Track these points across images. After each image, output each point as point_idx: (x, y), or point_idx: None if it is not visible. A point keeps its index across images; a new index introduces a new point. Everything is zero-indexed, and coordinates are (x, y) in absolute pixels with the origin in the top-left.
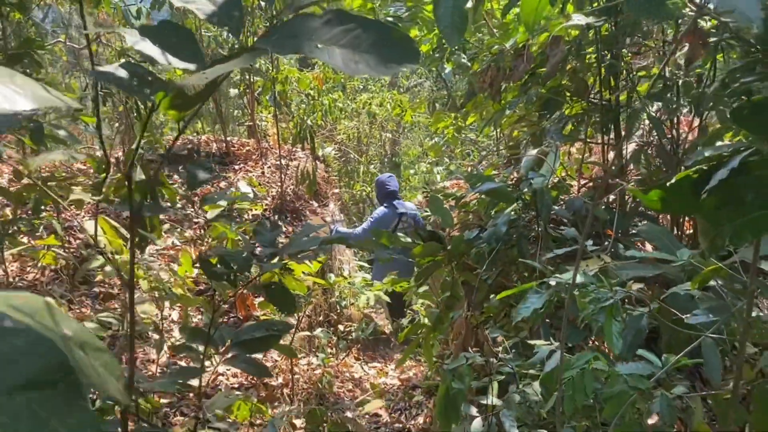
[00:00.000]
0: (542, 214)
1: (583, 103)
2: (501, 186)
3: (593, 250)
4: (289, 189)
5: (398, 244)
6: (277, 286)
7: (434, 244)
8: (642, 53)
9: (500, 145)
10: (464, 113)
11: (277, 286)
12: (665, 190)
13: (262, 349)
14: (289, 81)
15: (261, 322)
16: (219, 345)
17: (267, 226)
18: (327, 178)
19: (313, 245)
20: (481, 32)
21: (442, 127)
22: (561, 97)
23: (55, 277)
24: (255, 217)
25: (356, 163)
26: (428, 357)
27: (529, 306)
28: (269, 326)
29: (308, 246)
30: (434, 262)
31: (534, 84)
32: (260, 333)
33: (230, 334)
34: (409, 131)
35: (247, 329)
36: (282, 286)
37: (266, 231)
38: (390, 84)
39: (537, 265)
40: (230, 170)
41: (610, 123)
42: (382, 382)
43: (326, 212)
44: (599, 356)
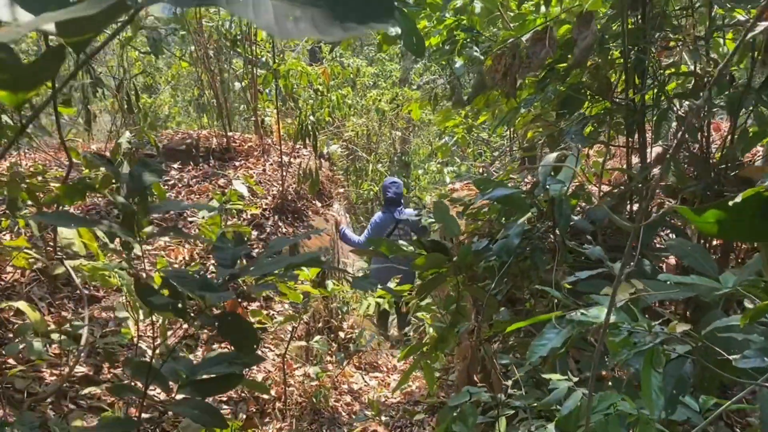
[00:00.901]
0: (560, 225)
1: (605, 103)
2: (514, 192)
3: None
4: (291, 188)
5: (399, 254)
6: (233, 317)
7: (438, 255)
8: (670, 49)
9: (514, 145)
10: (475, 112)
11: (233, 318)
12: (726, 212)
13: (221, 391)
14: (293, 74)
15: (225, 354)
16: (173, 380)
17: (227, 241)
18: (332, 176)
19: (280, 267)
20: (497, 26)
21: (451, 125)
22: (582, 95)
23: (36, 278)
24: (254, 218)
25: (365, 161)
26: (429, 380)
27: (546, 343)
28: (233, 360)
29: (273, 269)
30: (438, 275)
31: (553, 80)
32: (221, 368)
33: (186, 368)
34: (420, 129)
35: (206, 362)
36: (238, 319)
37: (227, 247)
38: (401, 81)
39: (556, 294)
40: (230, 167)
41: (634, 125)
42: (383, 395)
43: (330, 213)
44: (626, 397)
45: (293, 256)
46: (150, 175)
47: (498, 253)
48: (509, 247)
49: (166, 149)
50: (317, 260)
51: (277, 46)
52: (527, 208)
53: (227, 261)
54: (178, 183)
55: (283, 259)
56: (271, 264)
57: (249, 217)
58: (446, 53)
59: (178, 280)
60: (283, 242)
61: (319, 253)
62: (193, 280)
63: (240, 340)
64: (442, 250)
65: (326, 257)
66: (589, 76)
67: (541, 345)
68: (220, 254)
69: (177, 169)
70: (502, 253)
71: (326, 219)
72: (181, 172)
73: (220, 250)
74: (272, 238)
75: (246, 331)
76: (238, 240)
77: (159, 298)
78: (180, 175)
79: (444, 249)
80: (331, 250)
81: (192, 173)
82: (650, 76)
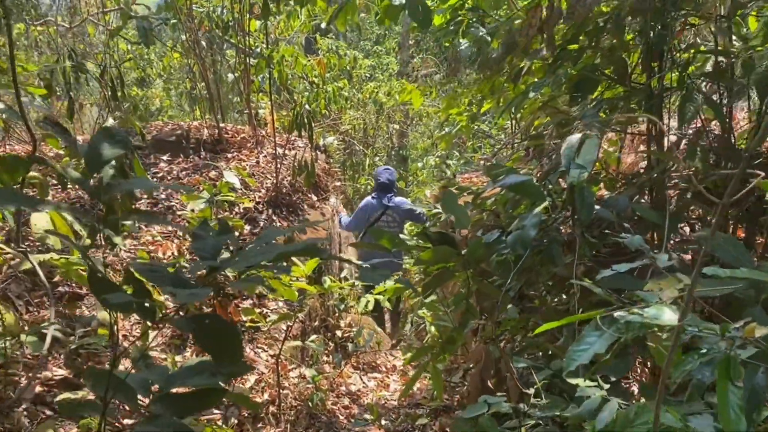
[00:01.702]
0: (581, 215)
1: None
2: (528, 180)
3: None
4: (286, 180)
5: (401, 247)
6: (212, 320)
7: (446, 248)
8: (693, 26)
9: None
10: (479, 99)
11: (213, 320)
12: None
13: (199, 408)
14: (287, 63)
15: (206, 363)
16: (142, 394)
17: (209, 228)
18: (328, 169)
19: (268, 257)
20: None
21: (455, 114)
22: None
23: (13, 273)
24: (246, 211)
25: (362, 155)
26: (437, 386)
27: (587, 348)
28: (215, 370)
29: (261, 259)
30: (445, 270)
31: (565, 61)
32: (202, 379)
33: (160, 378)
34: (418, 123)
35: (183, 372)
36: (218, 322)
37: (207, 235)
38: (398, 73)
39: (598, 290)
40: (222, 159)
41: (653, 109)
42: (382, 397)
43: (326, 206)
44: (670, 410)
45: (285, 245)
46: (112, 146)
47: (513, 245)
48: (525, 239)
49: (155, 141)
50: (314, 248)
51: (271, 36)
52: (542, 197)
53: (207, 252)
54: (167, 175)
55: (273, 248)
56: (259, 254)
57: (242, 211)
58: (450, 34)
59: (145, 273)
60: (276, 233)
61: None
62: (163, 275)
63: (220, 348)
64: (450, 242)
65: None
66: (602, 58)
67: (581, 350)
68: (199, 244)
69: (166, 161)
70: (517, 245)
71: (322, 213)
72: (170, 164)
73: (200, 239)
74: None
75: (227, 337)
76: (222, 228)
77: (118, 295)
78: (169, 167)
79: (452, 242)
80: (329, 244)
81: (182, 165)
82: (671, 57)
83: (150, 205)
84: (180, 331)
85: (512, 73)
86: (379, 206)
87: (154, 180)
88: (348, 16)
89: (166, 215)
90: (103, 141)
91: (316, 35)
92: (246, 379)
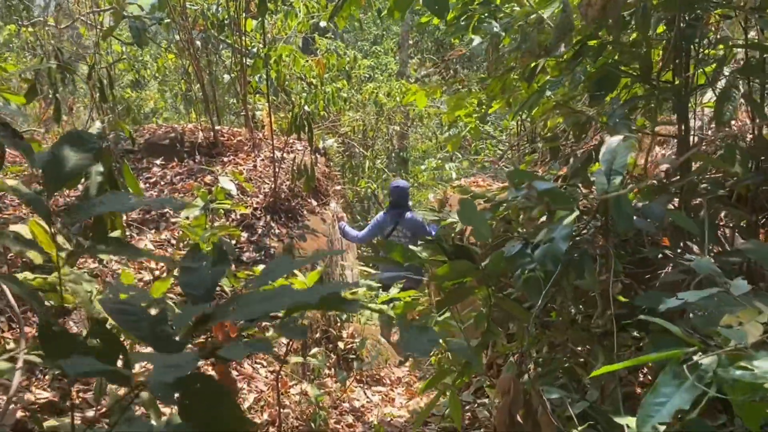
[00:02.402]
0: (619, 226)
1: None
2: (556, 187)
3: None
4: (285, 185)
5: (413, 260)
6: (201, 383)
7: (464, 262)
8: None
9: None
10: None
11: (202, 384)
12: None
13: None
14: (285, 63)
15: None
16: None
17: (202, 256)
18: (328, 173)
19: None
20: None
21: (462, 115)
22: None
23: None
24: (243, 218)
25: (361, 157)
26: (456, 415)
27: (665, 402)
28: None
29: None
30: (462, 286)
31: (586, 57)
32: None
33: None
34: (418, 124)
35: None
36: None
37: (200, 266)
38: (398, 74)
39: (674, 329)
40: (218, 163)
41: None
42: (389, 414)
43: (327, 211)
44: None
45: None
46: (78, 155)
47: (541, 260)
48: (556, 253)
49: (148, 144)
50: (336, 299)
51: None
52: (572, 206)
53: (199, 289)
54: (160, 180)
55: (282, 293)
56: (264, 301)
57: (239, 217)
58: (461, 29)
59: (119, 317)
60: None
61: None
62: (140, 320)
63: (211, 420)
64: (469, 256)
65: (324, 260)
66: (625, 54)
67: (657, 404)
68: (188, 278)
69: (160, 165)
70: (546, 260)
71: (323, 218)
72: (164, 169)
73: (190, 273)
74: (264, 239)
75: (222, 406)
76: (219, 255)
77: (78, 362)
78: (163, 172)
79: (470, 255)
80: (329, 250)
81: (176, 170)
82: (701, 53)
83: (142, 212)
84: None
85: (525, 71)
86: (391, 221)
87: (146, 185)
88: (351, 9)
89: (159, 222)
90: (67, 148)
91: (315, 35)
92: (244, 398)
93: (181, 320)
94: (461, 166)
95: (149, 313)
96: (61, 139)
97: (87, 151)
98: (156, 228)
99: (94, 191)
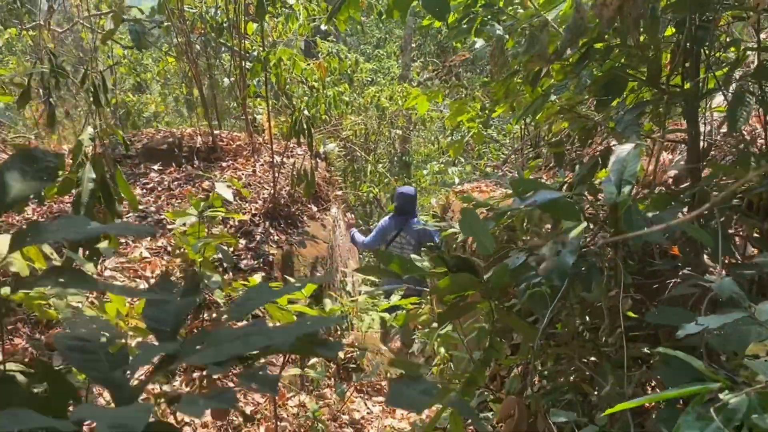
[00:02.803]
0: (631, 240)
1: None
2: (561, 197)
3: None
4: (284, 190)
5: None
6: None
7: (466, 275)
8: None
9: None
10: (492, 103)
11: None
12: None
13: None
14: (285, 66)
15: None
16: None
17: (170, 284)
18: (329, 178)
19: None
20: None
21: (465, 120)
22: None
23: None
24: (242, 224)
25: (363, 161)
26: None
27: None
28: None
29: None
30: (464, 300)
31: (592, 61)
32: None
33: None
34: (421, 128)
35: None
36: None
37: (168, 296)
38: (400, 77)
39: (699, 365)
40: (217, 168)
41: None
42: (389, 426)
43: (327, 217)
44: None
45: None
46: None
47: (548, 275)
48: (563, 268)
49: (146, 149)
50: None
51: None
52: (578, 217)
53: (166, 323)
54: (157, 186)
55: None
56: (236, 341)
57: (237, 224)
58: (463, 32)
59: (71, 355)
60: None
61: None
62: (96, 360)
63: None
64: (471, 268)
65: (324, 268)
66: (633, 58)
67: None
68: (154, 311)
69: (157, 170)
70: (553, 275)
71: (323, 224)
72: (161, 174)
73: (156, 306)
74: (262, 246)
75: None
76: (188, 283)
77: (13, 413)
78: (160, 178)
79: (473, 268)
80: (329, 259)
81: (174, 175)
82: (711, 56)
83: (139, 218)
84: None
85: (529, 74)
86: (395, 227)
87: (142, 191)
88: (351, 11)
89: (155, 230)
90: (14, 171)
91: (316, 38)
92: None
93: (141, 361)
94: (464, 170)
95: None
96: (9, 159)
97: (38, 171)
98: (152, 235)
99: (86, 198)
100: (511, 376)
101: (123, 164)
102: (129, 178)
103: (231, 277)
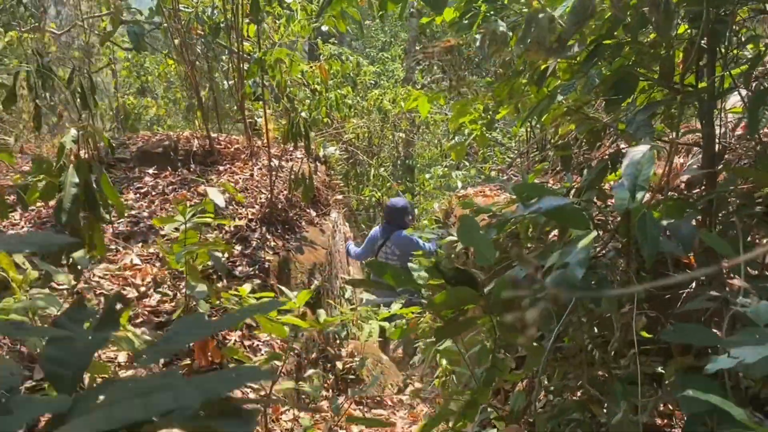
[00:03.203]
0: (644, 249)
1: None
2: (568, 204)
3: None
4: (282, 195)
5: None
6: None
7: (465, 289)
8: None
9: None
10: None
11: None
12: None
13: None
14: (285, 68)
15: None
16: None
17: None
18: (329, 182)
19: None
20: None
21: (467, 122)
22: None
23: None
24: (238, 230)
25: (366, 165)
26: None
27: None
28: None
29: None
30: (463, 314)
31: (601, 59)
32: None
33: None
34: (425, 131)
35: None
36: None
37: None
38: (404, 80)
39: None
40: (213, 172)
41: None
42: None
43: (327, 222)
44: None
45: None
46: None
47: (555, 288)
48: (571, 282)
49: (141, 152)
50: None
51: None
52: (587, 225)
53: (67, 368)
54: (151, 191)
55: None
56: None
57: (232, 229)
58: (464, 28)
59: None
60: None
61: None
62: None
63: None
64: (470, 281)
65: (323, 275)
66: (644, 56)
67: None
68: (55, 350)
69: (152, 174)
70: (560, 287)
71: (322, 229)
72: (156, 179)
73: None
74: (258, 252)
75: None
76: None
77: None
78: (155, 182)
79: (472, 280)
80: (328, 265)
81: (169, 179)
82: (728, 53)
83: (130, 224)
84: None
85: (534, 74)
86: (382, 235)
87: (136, 195)
88: (343, 5)
89: (147, 235)
90: None
91: (318, 40)
92: None
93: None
94: (468, 174)
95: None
96: None
97: None
98: (144, 241)
99: (68, 204)
100: (515, 391)
101: (117, 168)
102: (122, 182)
103: (225, 285)
